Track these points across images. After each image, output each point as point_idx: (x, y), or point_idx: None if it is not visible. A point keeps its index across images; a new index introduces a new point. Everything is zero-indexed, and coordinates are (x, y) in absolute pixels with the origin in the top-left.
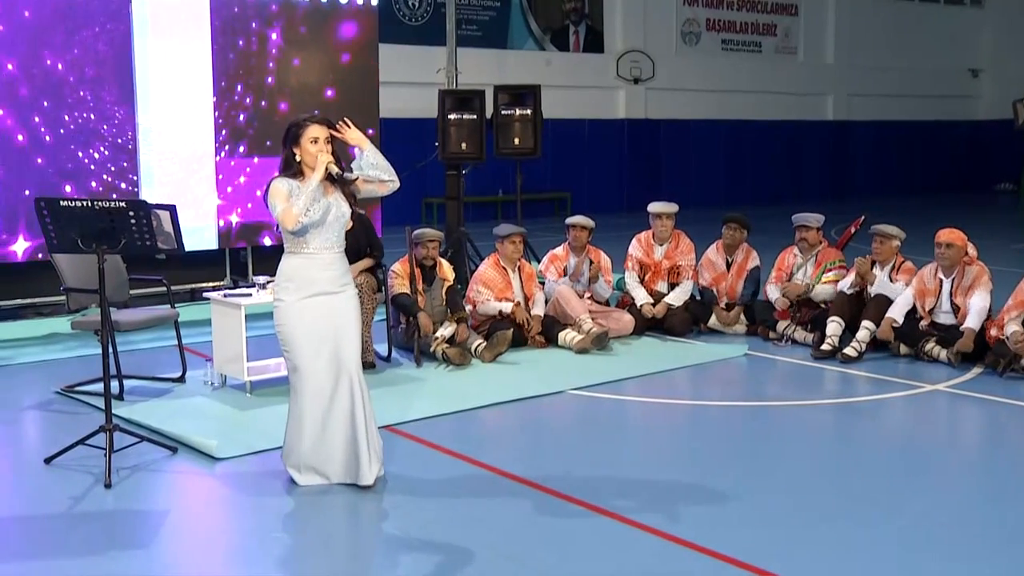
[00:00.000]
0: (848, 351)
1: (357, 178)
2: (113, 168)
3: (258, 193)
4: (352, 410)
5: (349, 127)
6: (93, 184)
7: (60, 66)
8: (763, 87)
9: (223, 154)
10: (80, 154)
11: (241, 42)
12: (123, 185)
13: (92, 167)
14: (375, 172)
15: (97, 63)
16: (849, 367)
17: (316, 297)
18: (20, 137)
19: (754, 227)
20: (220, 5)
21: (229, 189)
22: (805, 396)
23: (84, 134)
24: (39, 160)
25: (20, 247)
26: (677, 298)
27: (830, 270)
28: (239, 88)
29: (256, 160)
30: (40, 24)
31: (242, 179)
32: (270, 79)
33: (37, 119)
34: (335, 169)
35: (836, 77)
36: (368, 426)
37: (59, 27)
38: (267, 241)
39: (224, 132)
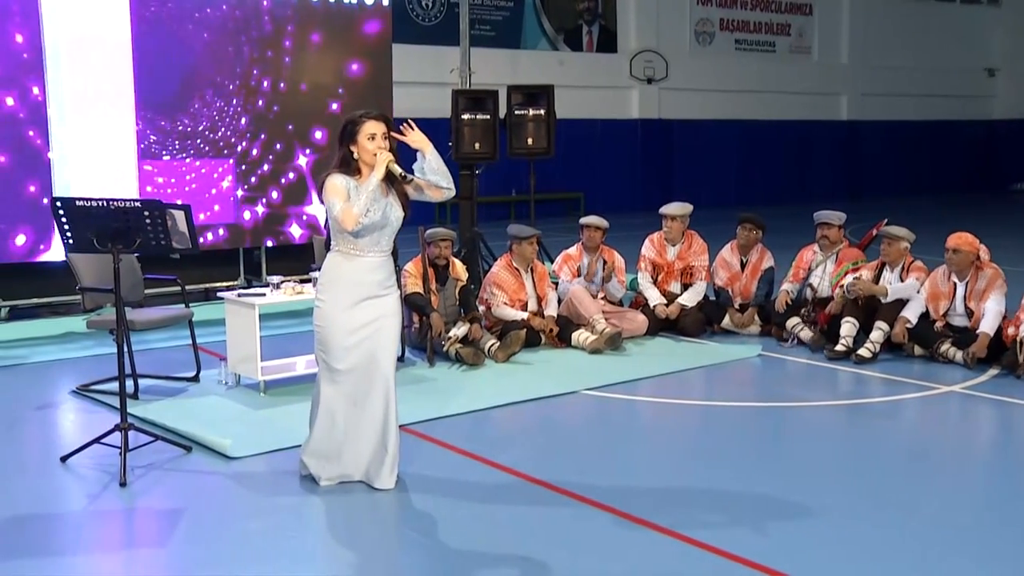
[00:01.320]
0: (862, 352)
1: (412, 179)
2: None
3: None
4: (385, 415)
5: (412, 128)
6: None
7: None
8: (777, 87)
9: (241, 146)
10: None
11: (247, 49)
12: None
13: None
14: (435, 177)
15: None
16: (863, 368)
17: (363, 300)
18: (51, 155)
19: (768, 227)
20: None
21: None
22: (819, 397)
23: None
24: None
25: (56, 254)
26: (690, 299)
27: (852, 271)
28: (254, 75)
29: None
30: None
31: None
32: (282, 85)
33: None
34: (398, 169)
35: (850, 77)
36: (395, 430)
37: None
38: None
39: (244, 121)
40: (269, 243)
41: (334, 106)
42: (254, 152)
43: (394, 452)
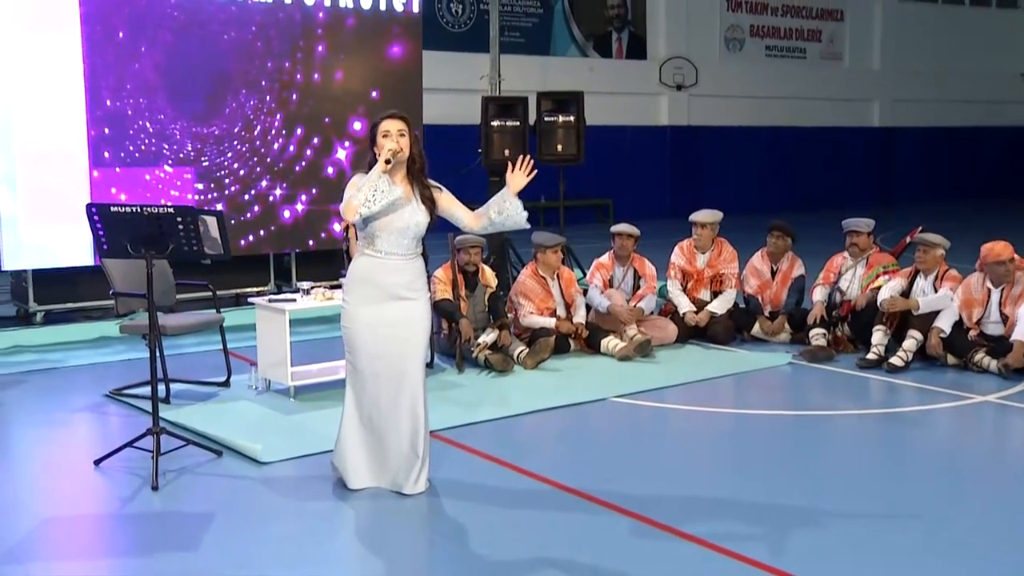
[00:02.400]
0: (894, 360)
1: (439, 188)
2: None
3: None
4: (414, 421)
5: (527, 176)
6: None
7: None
8: (808, 93)
9: (277, 143)
10: None
11: (282, 50)
12: None
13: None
14: (496, 209)
15: None
16: (895, 377)
17: (388, 303)
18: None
19: (799, 234)
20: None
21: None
22: (850, 406)
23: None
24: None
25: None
26: (720, 306)
27: (884, 273)
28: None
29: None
30: None
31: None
32: (316, 76)
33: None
34: (387, 154)
35: (882, 82)
36: (426, 436)
37: None
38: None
39: (279, 116)
40: (310, 242)
41: (374, 94)
42: (291, 149)
43: (424, 458)
